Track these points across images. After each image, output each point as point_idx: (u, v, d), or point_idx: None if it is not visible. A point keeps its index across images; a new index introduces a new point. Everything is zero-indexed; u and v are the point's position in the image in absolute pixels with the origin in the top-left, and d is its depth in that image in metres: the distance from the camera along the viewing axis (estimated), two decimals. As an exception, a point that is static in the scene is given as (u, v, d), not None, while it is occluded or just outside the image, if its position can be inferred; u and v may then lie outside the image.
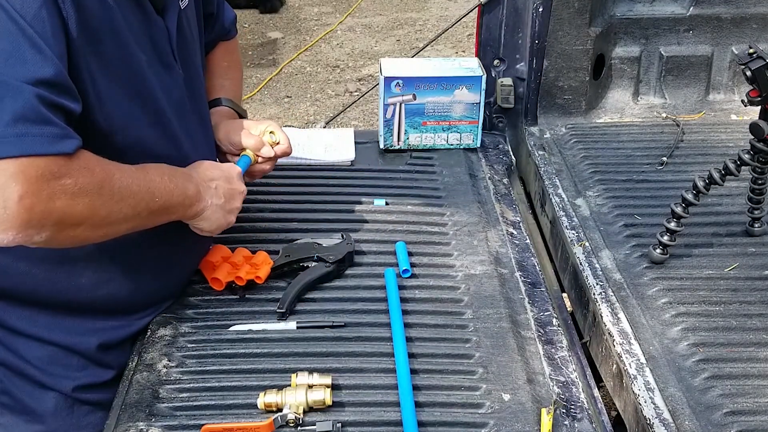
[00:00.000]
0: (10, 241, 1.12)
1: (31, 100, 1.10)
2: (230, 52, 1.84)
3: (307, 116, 4.59)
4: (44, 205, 1.12)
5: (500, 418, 1.35)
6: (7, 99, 1.09)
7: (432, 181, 2.05)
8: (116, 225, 1.28)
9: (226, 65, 1.80)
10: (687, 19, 2.35)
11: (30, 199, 1.10)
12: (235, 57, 1.86)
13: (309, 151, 2.13)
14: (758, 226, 1.83)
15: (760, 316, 1.60)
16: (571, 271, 1.83)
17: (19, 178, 1.09)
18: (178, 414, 1.34)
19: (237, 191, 1.52)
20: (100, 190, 1.21)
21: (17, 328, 1.42)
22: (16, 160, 1.08)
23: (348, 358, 1.46)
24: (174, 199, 1.36)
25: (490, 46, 2.31)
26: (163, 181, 1.34)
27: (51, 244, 1.19)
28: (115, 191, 1.24)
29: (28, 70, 1.11)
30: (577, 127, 2.33)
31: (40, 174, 1.11)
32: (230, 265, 1.62)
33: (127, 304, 1.49)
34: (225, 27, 1.80)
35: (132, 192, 1.27)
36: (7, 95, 1.09)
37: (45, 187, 1.11)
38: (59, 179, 1.13)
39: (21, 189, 1.09)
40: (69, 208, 1.16)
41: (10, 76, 1.10)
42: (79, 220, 1.19)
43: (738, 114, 2.39)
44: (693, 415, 1.38)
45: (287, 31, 5.70)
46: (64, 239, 1.21)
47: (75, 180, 1.15)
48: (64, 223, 1.17)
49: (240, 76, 1.87)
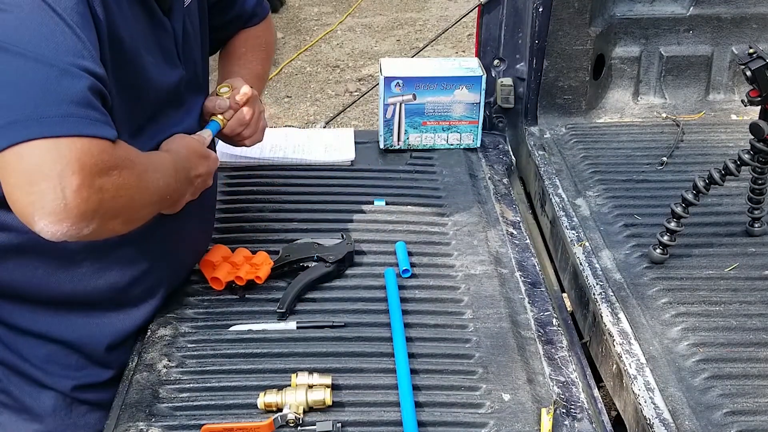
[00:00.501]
0: (63, 233, 1.09)
1: (81, 84, 1.10)
2: (255, 38, 1.79)
3: (307, 116, 4.59)
4: (97, 196, 1.10)
5: (500, 418, 1.35)
6: (52, 80, 1.08)
7: (432, 181, 2.05)
8: (142, 219, 1.29)
9: (244, 51, 1.76)
10: (687, 19, 2.35)
11: (87, 190, 1.08)
12: (259, 41, 1.79)
13: (309, 151, 2.13)
14: (758, 226, 1.83)
15: (760, 316, 1.60)
16: (571, 271, 1.83)
17: (76, 166, 1.06)
18: (178, 414, 1.34)
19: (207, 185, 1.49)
20: (140, 183, 1.21)
21: (18, 325, 1.42)
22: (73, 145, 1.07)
23: (348, 358, 1.46)
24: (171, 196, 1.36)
25: (490, 46, 2.31)
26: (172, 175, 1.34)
27: (92, 236, 1.16)
28: (150, 185, 1.25)
29: (71, 56, 1.10)
30: (577, 127, 2.33)
31: (94, 163, 1.09)
32: (230, 265, 1.62)
33: (127, 294, 1.48)
34: (246, 11, 1.76)
35: (159, 188, 1.28)
36: (53, 77, 1.08)
37: (97, 178, 1.10)
38: (109, 171, 1.12)
39: (79, 178, 1.07)
40: (113, 202, 1.14)
41: (55, 59, 1.09)
42: (119, 212, 1.17)
43: (738, 114, 2.39)
44: (693, 415, 1.38)
45: (287, 31, 5.69)
46: (103, 232, 1.18)
47: (120, 172, 1.15)
48: (107, 216, 1.15)
49: (263, 59, 1.80)
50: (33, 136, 1.06)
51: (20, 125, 1.06)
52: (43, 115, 1.06)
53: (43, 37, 1.10)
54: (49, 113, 1.07)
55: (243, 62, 1.75)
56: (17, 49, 1.09)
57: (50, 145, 1.06)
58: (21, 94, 1.08)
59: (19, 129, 1.06)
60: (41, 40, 1.10)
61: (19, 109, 1.07)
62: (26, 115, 1.07)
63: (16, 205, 1.09)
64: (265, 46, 1.81)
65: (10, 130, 1.06)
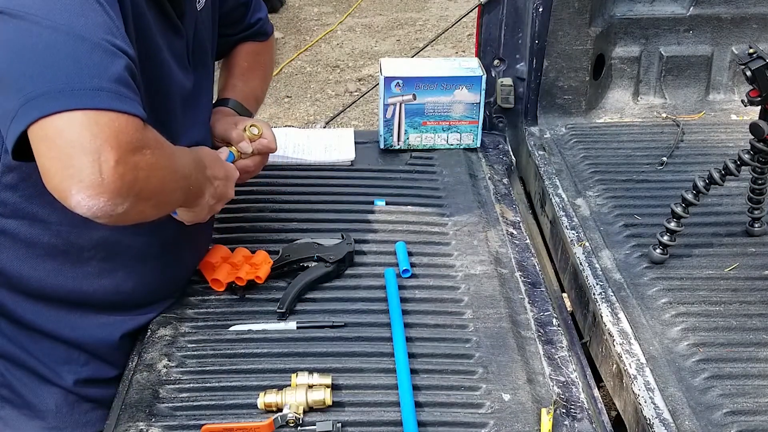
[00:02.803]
0: (99, 208, 1.07)
1: (113, 60, 1.09)
2: (256, 54, 1.80)
3: (307, 116, 4.59)
4: (132, 174, 1.09)
5: (500, 418, 1.35)
6: (84, 54, 1.07)
7: (432, 181, 2.05)
8: (171, 205, 1.28)
9: (246, 66, 1.77)
10: (687, 19, 2.35)
11: (123, 167, 1.07)
12: (261, 59, 1.81)
13: (309, 151, 2.13)
14: (758, 226, 1.83)
15: (760, 316, 1.60)
16: (571, 271, 1.83)
17: (114, 142, 1.05)
18: (178, 414, 1.34)
19: (228, 195, 1.49)
20: (170, 165, 1.20)
21: (23, 320, 1.42)
22: (109, 119, 1.05)
23: (348, 358, 1.46)
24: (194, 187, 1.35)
25: (490, 46, 2.31)
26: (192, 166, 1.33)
27: (125, 217, 1.13)
28: (178, 168, 1.24)
29: (104, 34, 1.10)
30: (577, 127, 2.33)
31: (129, 140, 1.08)
32: (230, 265, 1.62)
33: (131, 297, 1.48)
34: (253, 25, 1.77)
35: (186, 175, 1.27)
36: (84, 51, 1.07)
37: (132, 155, 1.09)
38: (142, 149, 1.11)
39: (116, 154, 1.05)
40: (146, 182, 1.13)
41: (87, 34, 1.08)
42: (151, 194, 1.16)
43: (738, 114, 2.39)
44: (693, 415, 1.38)
45: (287, 31, 5.69)
46: (136, 214, 1.16)
47: (152, 151, 1.13)
48: (140, 196, 1.13)
49: (262, 78, 1.82)
50: (68, 107, 1.04)
51: (53, 96, 1.04)
52: (77, 87, 1.05)
53: (74, 12, 1.09)
54: (83, 86, 1.05)
55: (246, 78, 1.76)
56: (48, 22, 1.07)
57: (88, 119, 1.04)
58: (53, 66, 1.06)
59: (52, 100, 1.04)
60: (72, 15, 1.08)
61: (51, 80, 1.05)
62: (59, 87, 1.05)
63: (53, 178, 1.07)
64: (265, 65, 1.83)
65: (44, 101, 1.04)
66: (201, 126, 1.55)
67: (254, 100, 1.76)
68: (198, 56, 1.50)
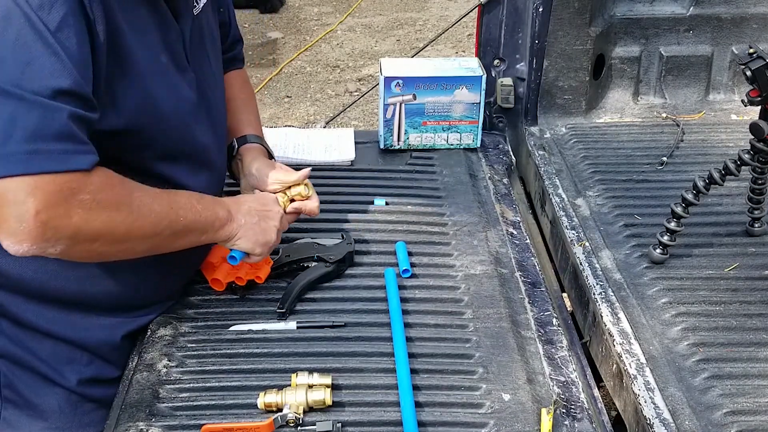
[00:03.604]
0: (25, 251, 1.15)
1: (46, 115, 1.11)
2: (245, 83, 1.85)
3: (307, 116, 4.59)
4: (60, 220, 1.14)
5: (500, 418, 1.35)
6: (22, 115, 1.10)
7: (432, 181, 2.05)
8: (135, 242, 1.29)
9: (244, 98, 1.80)
10: (687, 19, 2.35)
11: (46, 214, 1.12)
12: (249, 88, 1.86)
13: (309, 151, 2.13)
14: (758, 226, 1.83)
15: (760, 316, 1.60)
16: (571, 271, 1.83)
17: (36, 193, 1.11)
18: (178, 414, 1.34)
19: (272, 211, 1.53)
20: (119, 206, 1.23)
21: (26, 321, 1.43)
22: (32, 176, 1.11)
23: (348, 358, 1.46)
24: (202, 220, 1.39)
25: (490, 46, 2.31)
26: (190, 202, 1.37)
27: (66, 256, 1.21)
28: (134, 208, 1.26)
29: (46, 81, 1.11)
30: (577, 127, 2.33)
31: (57, 189, 1.13)
32: (230, 265, 1.62)
33: (132, 299, 1.49)
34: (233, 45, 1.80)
35: (153, 210, 1.29)
36: (22, 111, 1.10)
37: (62, 202, 1.14)
38: (76, 194, 1.15)
39: (38, 204, 1.11)
40: (85, 224, 1.18)
41: (27, 89, 1.10)
42: (95, 235, 1.21)
43: (738, 114, 2.40)
44: (693, 415, 1.38)
45: (287, 31, 5.70)
46: (80, 253, 1.23)
47: (93, 196, 1.17)
48: (80, 238, 1.19)
49: (256, 106, 1.86)
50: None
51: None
52: (11, 152, 1.10)
53: (20, 60, 1.11)
54: (18, 149, 1.10)
55: (249, 109, 1.79)
56: None
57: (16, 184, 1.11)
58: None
59: None
60: (17, 65, 1.11)
61: None
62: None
63: None
64: (253, 92, 1.88)
65: None
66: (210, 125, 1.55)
67: (261, 129, 1.80)
68: (198, 57, 1.49)
